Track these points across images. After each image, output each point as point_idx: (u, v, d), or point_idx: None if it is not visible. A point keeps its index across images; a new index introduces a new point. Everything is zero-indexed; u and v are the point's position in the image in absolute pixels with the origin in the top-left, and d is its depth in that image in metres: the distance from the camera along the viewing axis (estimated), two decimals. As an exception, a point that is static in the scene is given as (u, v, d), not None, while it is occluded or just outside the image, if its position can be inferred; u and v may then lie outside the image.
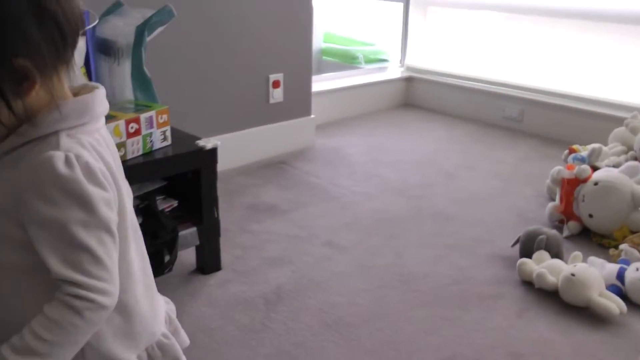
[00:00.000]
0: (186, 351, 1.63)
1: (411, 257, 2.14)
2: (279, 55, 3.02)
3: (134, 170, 1.77)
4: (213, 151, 1.91)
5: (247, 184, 2.77)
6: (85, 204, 0.83)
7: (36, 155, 0.83)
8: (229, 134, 2.88)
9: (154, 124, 1.85)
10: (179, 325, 1.12)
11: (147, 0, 2.20)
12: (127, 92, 1.99)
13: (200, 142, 1.91)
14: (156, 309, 1.05)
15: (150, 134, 1.84)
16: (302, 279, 2.00)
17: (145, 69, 1.97)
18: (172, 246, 1.86)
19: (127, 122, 1.77)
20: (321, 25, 4.68)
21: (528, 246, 2.12)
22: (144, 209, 1.88)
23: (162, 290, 1.90)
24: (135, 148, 1.80)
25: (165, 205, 1.93)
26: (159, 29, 2.02)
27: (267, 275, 2.02)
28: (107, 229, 0.86)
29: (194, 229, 1.94)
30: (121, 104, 1.93)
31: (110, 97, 2.02)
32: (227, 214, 2.43)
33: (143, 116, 1.81)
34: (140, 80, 1.97)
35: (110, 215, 0.87)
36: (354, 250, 2.18)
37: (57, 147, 0.83)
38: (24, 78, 0.83)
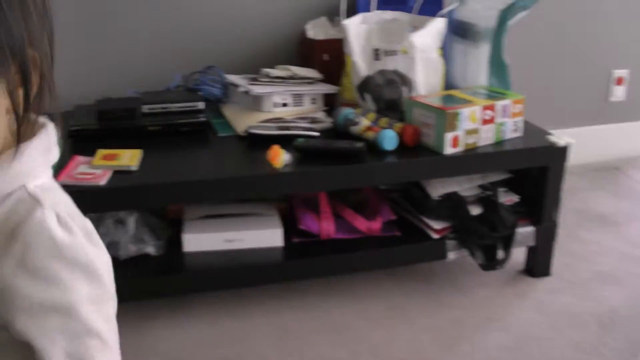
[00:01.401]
0: (513, 355, 1.57)
1: None
2: (626, 50, 2.78)
3: (483, 159, 1.73)
4: (565, 149, 1.79)
5: (577, 186, 2.59)
6: (91, 274, 0.63)
7: (13, 221, 0.61)
8: (562, 129, 2.72)
9: (509, 113, 1.77)
10: None
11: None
12: (481, 77, 1.94)
13: (552, 138, 1.80)
14: None
15: (504, 123, 1.77)
16: (638, 306, 1.81)
17: (505, 55, 1.89)
18: (508, 242, 1.79)
19: (484, 109, 1.71)
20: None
21: None
22: (485, 199, 1.82)
23: (488, 286, 1.86)
24: (488, 136, 1.74)
25: (506, 199, 1.85)
26: (521, 14, 1.92)
27: (598, 292, 1.87)
28: (113, 298, 0.68)
29: (531, 229, 1.84)
30: (474, 89, 1.88)
31: (461, 81, 1.99)
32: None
33: (499, 104, 1.75)
34: (498, 66, 1.90)
35: (112, 281, 0.67)
36: (700, 283, 1.94)
37: (38, 203, 0.61)
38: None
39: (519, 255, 1.95)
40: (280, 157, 1.56)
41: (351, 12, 2.00)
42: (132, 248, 1.65)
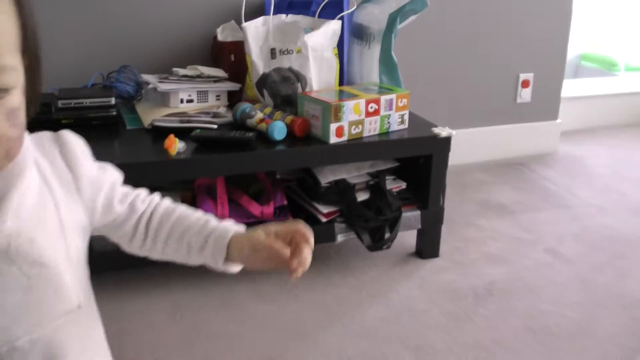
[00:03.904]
0: (388, 325, 1.72)
1: (635, 282, 2.01)
2: (531, 54, 2.97)
3: (366, 148, 1.87)
4: (447, 139, 1.95)
5: (482, 180, 2.77)
6: None
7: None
8: (472, 128, 2.90)
9: (393, 107, 1.93)
10: None
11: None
12: (374, 74, 2.09)
13: (436, 130, 1.96)
14: None
15: (389, 116, 1.93)
16: (516, 281, 1.98)
17: (393, 54, 2.05)
18: (393, 224, 1.94)
19: (367, 102, 1.86)
20: (584, 30, 4.50)
21: None
22: (372, 186, 1.97)
23: (377, 267, 2.01)
24: (373, 127, 1.90)
25: (394, 185, 2.00)
26: (412, 18, 2.08)
27: (482, 270, 2.03)
28: None
29: (417, 213, 2.00)
30: (366, 85, 2.04)
31: (358, 78, 2.15)
32: (458, 206, 2.47)
33: (383, 98, 1.90)
34: (387, 64, 2.06)
35: None
36: (576, 262, 2.10)
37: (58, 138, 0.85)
38: None
39: (410, 239, 2.11)
40: (174, 145, 1.70)
41: (259, 16, 2.15)
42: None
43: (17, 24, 0.66)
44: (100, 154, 1.67)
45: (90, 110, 1.95)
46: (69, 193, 0.79)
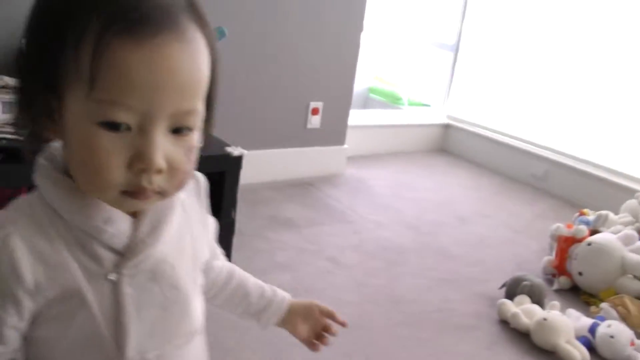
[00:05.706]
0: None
1: (405, 283, 2.33)
2: (321, 85, 3.27)
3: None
4: (239, 158, 2.15)
5: (272, 198, 3.00)
6: None
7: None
8: (264, 150, 3.13)
9: (190, 127, 2.09)
10: None
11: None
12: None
13: (229, 149, 2.16)
14: None
15: (185, 135, 2.09)
16: (298, 285, 2.21)
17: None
18: (188, 235, 2.10)
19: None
20: (372, 65, 4.96)
21: (512, 289, 2.29)
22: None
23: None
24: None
25: (189, 199, 2.17)
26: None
27: (269, 276, 2.24)
28: None
29: (211, 225, 2.17)
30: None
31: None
32: (248, 220, 2.67)
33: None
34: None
35: None
36: (354, 269, 2.39)
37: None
38: None
39: (205, 249, 2.28)
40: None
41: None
42: None
43: (209, 73, 0.76)
44: None
45: None
46: (202, 230, 0.92)
